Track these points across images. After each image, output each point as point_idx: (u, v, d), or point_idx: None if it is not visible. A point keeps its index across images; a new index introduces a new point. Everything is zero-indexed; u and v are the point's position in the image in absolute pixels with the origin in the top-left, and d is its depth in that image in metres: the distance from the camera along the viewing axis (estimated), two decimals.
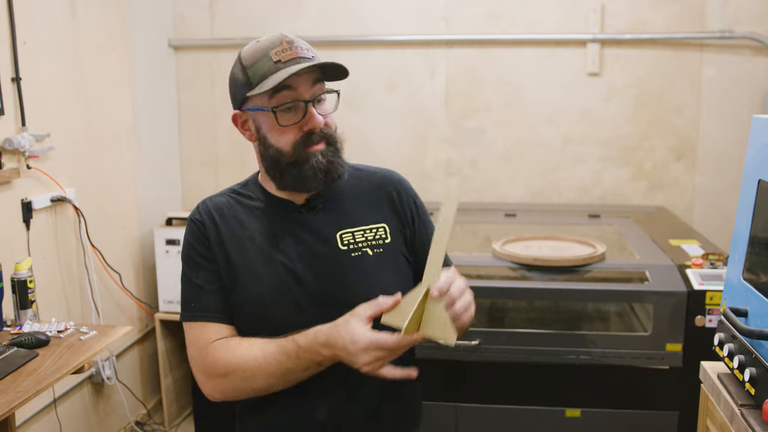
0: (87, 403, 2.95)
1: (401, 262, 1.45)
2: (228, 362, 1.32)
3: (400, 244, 1.46)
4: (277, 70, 1.31)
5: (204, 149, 3.77)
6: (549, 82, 3.48)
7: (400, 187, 1.52)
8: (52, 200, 2.67)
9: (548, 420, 2.47)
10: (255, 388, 1.33)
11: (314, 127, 1.35)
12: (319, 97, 1.37)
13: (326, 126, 1.37)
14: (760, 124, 1.49)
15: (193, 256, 1.42)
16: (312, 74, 1.35)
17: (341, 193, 1.46)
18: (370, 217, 1.45)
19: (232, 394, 1.36)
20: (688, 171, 3.46)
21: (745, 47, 3.30)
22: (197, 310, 1.39)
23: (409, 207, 1.50)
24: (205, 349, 1.36)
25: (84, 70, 2.89)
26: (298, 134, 1.35)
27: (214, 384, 1.35)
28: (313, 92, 1.35)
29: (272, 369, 1.29)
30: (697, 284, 2.34)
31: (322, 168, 1.36)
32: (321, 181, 1.37)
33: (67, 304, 2.78)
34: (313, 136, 1.35)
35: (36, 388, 1.78)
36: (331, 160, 1.37)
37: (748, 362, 1.40)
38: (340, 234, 1.41)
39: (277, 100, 1.33)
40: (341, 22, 3.54)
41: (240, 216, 1.44)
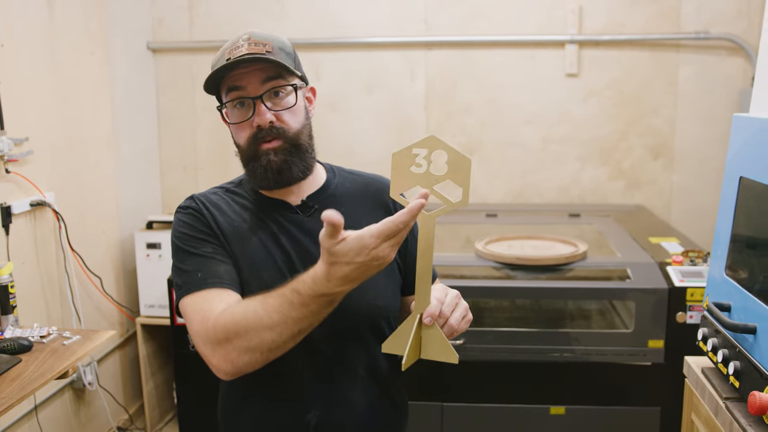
0: (68, 409, 2.92)
1: (393, 269, 1.44)
2: (228, 324, 1.19)
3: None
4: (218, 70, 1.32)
5: (183, 153, 3.75)
6: (528, 84, 3.51)
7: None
8: (32, 204, 2.64)
9: (533, 418, 2.49)
10: (263, 348, 1.17)
11: (261, 124, 1.32)
12: (276, 91, 1.34)
13: (280, 122, 1.34)
14: (741, 123, 1.52)
15: (195, 234, 1.36)
16: (263, 71, 1.33)
17: (337, 195, 1.45)
18: (365, 222, 1.40)
19: (240, 360, 1.19)
20: (666, 170, 3.50)
21: (720, 48, 3.35)
22: (206, 277, 1.29)
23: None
24: (207, 317, 1.23)
25: (62, 73, 2.87)
26: (250, 131, 1.34)
27: (220, 353, 1.20)
28: (264, 88, 1.33)
29: (276, 321, 1.15)
30: (677, 281, 2.37)
31: (274, 167, 1.34)
32: (271, 180, 1.35)
33: (47, 310, 2.75)
34: (261, 132, 1.33)
35: (20, 393, 1.75)
36: (286, 159, 1.35)
37: (732, 356, 1.43)
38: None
39: (228, 98, 1.34)
40: (321, 24, 3.55)
41: (237, 210, 1.41)
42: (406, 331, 1.24)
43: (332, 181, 1.48)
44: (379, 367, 1.42)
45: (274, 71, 1.34)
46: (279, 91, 1.35)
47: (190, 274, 1.31)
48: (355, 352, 1.38)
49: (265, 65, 1.32)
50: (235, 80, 1.32)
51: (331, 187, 1.46)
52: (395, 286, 1.45)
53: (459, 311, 1.28)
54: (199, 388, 2.92)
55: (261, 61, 1.31)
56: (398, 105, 3.60)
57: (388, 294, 1.42)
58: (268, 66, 1.33)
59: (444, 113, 3.58)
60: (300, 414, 1.36)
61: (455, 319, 1.26)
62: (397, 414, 1.50)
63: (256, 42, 1.32)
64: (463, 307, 1.30)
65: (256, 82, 1.32)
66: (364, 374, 1.39)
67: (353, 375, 1.38)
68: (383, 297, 1.40)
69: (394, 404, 1.48)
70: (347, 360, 1.37)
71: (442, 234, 3.12)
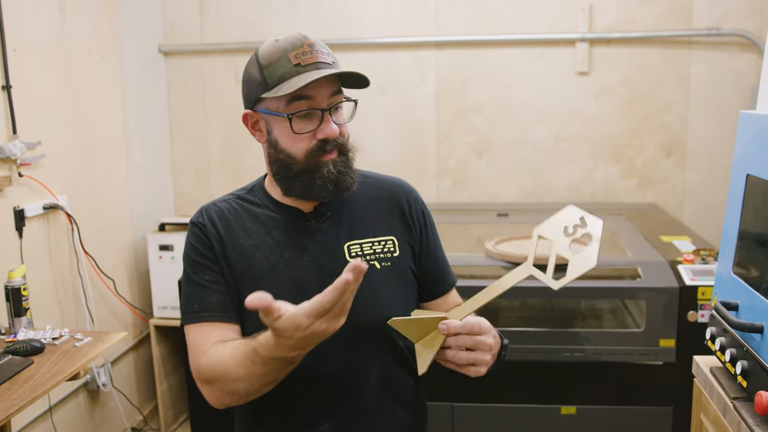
0: (83, 410, 2.95)
1: (408, 276, 1.43)
2: (208, 369, 1.25)
3: (407, 258, 1.43)
4: (296, 73, 1.27)
5: (196, 155, 3.78)
6: (539, 82, 3.50)
7: (411, 199, 1.49)
8: (45, 208, 2.67)
9: (544, 417, 2.49)
10: (239, 393, 1.23)
11: (329, 136, 1.30)
12: (336, 106, 1.33)
13: (340, 135, 1.33)
14: (748, 120, 1.51)
15: (196, 258, 1.37)
16: (331, 82, 1.31)
17: (350, 202, 1.43)
18: (379, 229, 1.41)
19: (225, 399, 1.26)
20: (678, 168, 3.48)
21: (732, 44, 3.33)
22: (199, 310, 1.33)
23: (419, 219, 1.48)
24: (197, 355, 1.30)
25: (74, 77, 2.89)
26: (311, 142, 1.31)
27: (207, 391, 1.28)
28: (330, 101, 1.31)
29: (242, 375, 1.20)
30: (688, 280, 2.36)
31: (333, 178, 1.32)
32: (330, 191, 1.33)
33: (61, 312, 2.78)
34: (327, 145, 1.31)
35: (32, 395, 1.78)
36: (342, 171, 1.33)
37: (740, 355, 1.42)
38: (348, 245, 1.38)
39: (294, 107, 1.29)
40: (332, 25, 3.56)
41: (245, 223, 1.39)
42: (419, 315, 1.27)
43: None
44: (392, 375, 1.40)
45: (337, 85, 1.33)
46: (340, 106, 1.35)
47: (189, 304, 1.36)
48: (366, 362, 1.37)
49: (331, 76, 1.30)
50: (304, 89, 1.27)
51: (344, 194, 1.42)
52: (407, 294, 1.42)
53: (473, 355, 1.25)
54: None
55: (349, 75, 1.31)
56: (409, 105, 3.60)
57: (399, 304, 1.39)
58: (334, 76, 1.31)
59: (454, 113, 3.57)
60: (312, 425, 1.35)
61: (461, 357, 1.25)
62: (413, 419, 1.47)
63: (321, 51, 1.31)
64: (482, 357, 1.26)
65: (326, 93, 1.31)
66: (377, 383, 1.37)
67: (365, 385, 1.37)
68: (392, 306, 1.37)
69: (410, 410, 1.45)
70: (359, 370, 1.36)
71: (453, 233, 3.12)
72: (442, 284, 1.51)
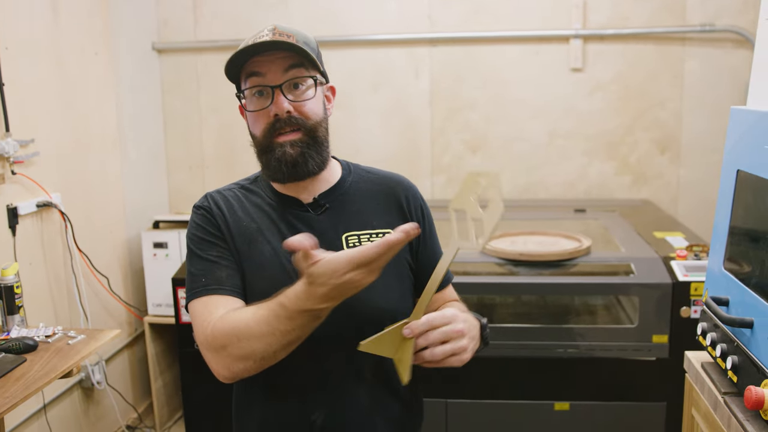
0: (77, 408, 2.95)
1: (404, 269, 1.42)
2: (222, 331, 1.21)
3: (404, 251, 1.42)
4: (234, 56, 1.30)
5: (190, 152, 3.77)
6: (533, 79, 3.50)
7: (410, 194, 1.49)
8: (38, 205, 2.66)
9: (537, 414, 2.49)
10: (255, 356, 1.19)
11: (278, 113, 1.30)
12: (295, 83, 1.32)
13: (298, 113, 1.32)
14: (738, 115, 1.51)
15: (203, 236, 1.36)
16: (285, 59, 1.30)
17: (349, 194, 1.43)
18: (377, 222, 1.41)
19: (236, 367, 1.21)
20: (672, 164, 3.49)
21: (726, 40, 3.33)
22: (209, 283, 1.31)
23: (417, 215, 1.47)
24: (206, 323, 1.25)
25: (68, 74, 2.89)
26: (267, 121, 1.32)
27: (217, 359, 1.22)
28: (285, 78, 1.30)
29: (265, 332, 1.16)
30: (681, 276, 2.36)
31: (289, 160, 1.31)
32: (284, 173, 1.33)
33: (54, 310, 2.78)
34: (280, 122, 1.31)
35: (24, 393, 1.77)
36: (303, 152, 1.32)
37: (730, 350, 1.42)
38: (346, 236, 1.38)
39: (248, 85, 1.32)
40: (325, 22, 3.55)
41: (248, 210, 1.40)
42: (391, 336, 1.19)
43: (346, 179, 1.45)
44: (387, 368, 1.37)
45: (296, 60, 1.31)
46: (299, 84, 1.32)
47: (195, 279, 1.33)
48: (360, 353, 1.33)
49: (287, 54, 1.30)
50: (255, 66, 1.29)
51: (344, 186, 1.44)
52: (404, 287, 1.42)
53: (450, 345, 1.19)
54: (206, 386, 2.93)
55: (284, 47, 1.29)
56: (403, 102, 3.60)
57: (394, 296, 1.39)
58: (291, 55, 1.31)
59: (449, 110, 3.58)
60: (305, 414, 1.35)
61: (441, 351, 1.18)
62: (407, 414, 1.46)
63: (280, 32, 1.31)
64: (458, 345, 1.20)
65: (278, 70, 1.30)
66: (371, 376, 1.37)
67: (359, 376, 1.37)
68: (389, 299, 1.37)
69: (403, 404, 1.45)
70: (353, 361, 1.35)
71: (446, 230, 3.11)
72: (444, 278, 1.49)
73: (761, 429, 1.27)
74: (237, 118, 1.43)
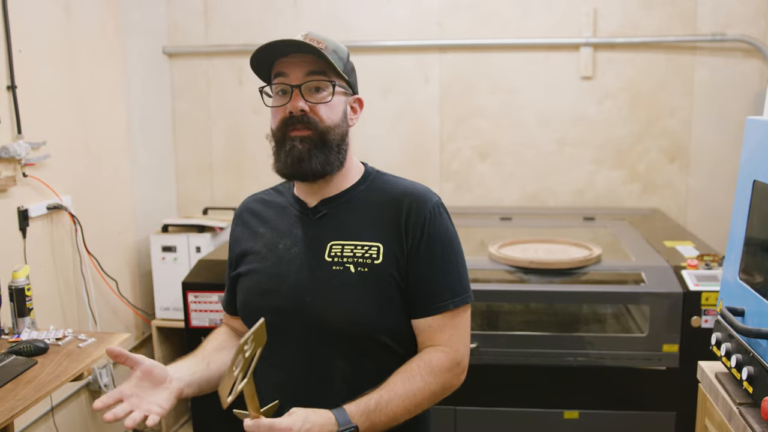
0: (84, 411, 2.95)
1: (388, 285, 1.36)
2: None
3: (391, 267, 1.36)
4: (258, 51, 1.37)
5: (199, 156, 3.78)
6: (542, 86, 3.50)
7: (413, 209, 1.40)
8: (48, 208, 2.67)
9: (546, 422, 2.48)
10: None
11: (292, 110, 1.36)
12: (315, 86, 1.37)
13: (313, 114, 1.37)
14: (754, 126, 1.51)
15: (229, 253, 1.57)
16: (309, 63, 1.37)
17: (353, 202, 1.43)
18: (367, 234, 1.39)
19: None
20: (682, 173, 3.48)
21: (736, 50, 3.33)
22: (223, 302, 1.60)
23: (414, 233, 1.38)
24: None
25: (79, 77, 2.90)
26: (283, 116, 1.38)
27: None
28: (305, 79, 1.37)
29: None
30: (692, 285, 2.36)
31: (296, 154, 1.36)
32: (291, 167, 1.37)
33: (63, 312, 2.78)
34: (293, 119, 1.36)
35: (36, 395, 1.78)
36: (310, 149, 1.36)
37: (746, 361, 1.42)
38: (331, 244, 1.39)
39: (274, 84, 1.40)
40: (336, 28, 3.56)
41: (262, 213, 1.52)
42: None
43: (358, 187, 1.45)
44: (362, 376, 1.37)
45: (318, 66, 1.37)
46: (320, 88, 1.38)
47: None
48: (330, 360, 1.36)
49: (311, 59, 1.37)
50: (282, 67, 1.38)
51: (351, 194, 1.44)
52: (383, 301, 1.36)
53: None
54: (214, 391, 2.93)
55: (309, 51, 1.35)
56: (412, 109, 3.60)
57: (368, 310, 1.35)
58: (314, 60, 1.37)
59: (458, 116, 3.58)
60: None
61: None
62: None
63: (311, 38, 1.37)
64: None
65: (300, 72, 1.37)
66: (342, 382, 1.36)
67: (329, 382, 1.36)
68: (358, 313, 1.35)
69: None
70: (323, 367, 1.37)
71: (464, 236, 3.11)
72: (429, 305, 1.38)
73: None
74: (246, 123, 1.51)
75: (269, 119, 1.44)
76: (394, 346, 1.40)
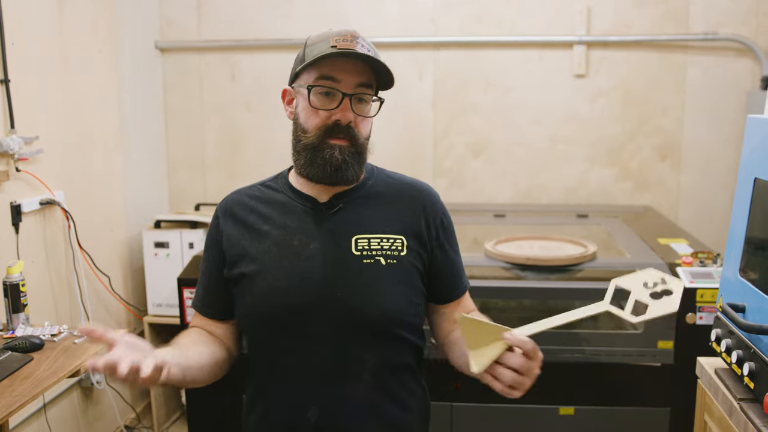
0: (76, 408, 2.93)
1: (414, 275, 1.41)
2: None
3: (415, 259, 1.42)
4: (328, 52, 1.32)
5: (191, 152, 3.76)
6: (536, 84, 3.51)
7: (430, 203, 1.48)
8: (41, 203, 2.64)
9: (542, 418, 2.49)
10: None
11: (341, 119, 1.34)
12: (361, 97, 1.37)
13: (355, 126, 1.36)
14: (755, 124, 1.52)
15: (206, 247, 1.50)
16: (361, 74, 1.35)
17: (367, 197, 1.44)
18: (389, 227, 1.42)
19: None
20: (673, 171, 3.50)
21: (728, 49, 3.35)
22: (194, 296, 1.53)
23: (435, 224, 1.46)
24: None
25: (72, 71, 2.87)
26: (325, 121, 1.35)
27: None
28: (356, 90, 1.35)
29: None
30: (687, 282, 2.37)
31: (335, 163, 1.35)
32: (328, 175, 1.36)
33: (56, 308, 2.75)
34: (338, 128, 1.35)
35: (33, 392, 1.76)
36: (348, 161, 1.36)
37: (747, 357, 1.43)
38: (356, 238, 1.39)
39: (318, 84, 1.35)
40: (330, 24, 3.50)
41: (261, 209, 1.44)
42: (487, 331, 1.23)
43: (367, 182, 1.47)
44: (390, 373, 1.40)
45: (368, 78, 1.37)
46: (365, 101, 1.38)
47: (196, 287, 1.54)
48: (360, 355, 1.37)
49: (364, 68, 1.36)
50: (334, 70, 1.34)
51: (363, 188, 1.45)
52: (411, 293, 1.41)
53: (518, 378, 1.21)
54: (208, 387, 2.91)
55: (378, 66, 1.35)
56: (406, 105, 3.60)
57: (400, 301, 1.39)
58: (366, 70, 1.36)
59: (451, 113, 3.58)
60: (300, 411, 1.36)
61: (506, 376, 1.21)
62: (407, 416, 1.44)
63: (361, 43, 1.35)
64: (524, 382, 1.24)
65: (352, 81, 1.35)
66: (370, 377, 1.37)
67: (357, 376, 1.36)
68: (392, 302, 1.37)
69: (404, 406, 1.43)
70: (351, 361, 1.36)
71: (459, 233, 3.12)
72: (455, 289, 1.50)
73: None
74: (239, 119, 1.48)
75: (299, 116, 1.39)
76: (414, 337, 1.42)
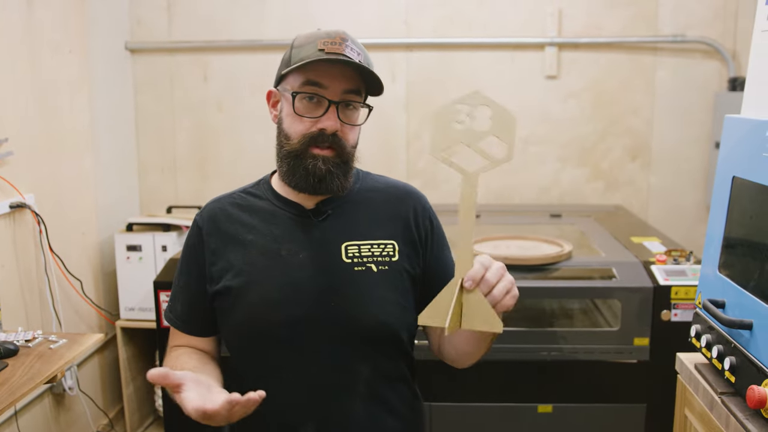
0: (48, 415, 2.87)
1: (405, 281, 1.38)
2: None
3: (407, 263, 1.39)
4: (315, 57, 1.26)
5: (162, 154, 3.71)
6: (508, 85, 3.54)
7: (418, 205, 1.46)
8: (11, 206, 2.59)
9: (520, 416, 2.51)
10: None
11: (325, 127, 1.29)
12: (348, 104, 1.32)
13: (341, 135, 1.32)
14: (732, 123, 1.55)
15: (183, 259, 1.43)
16: (349, 80, 1.31)
17: (355, 202, 1.41)
18: (380, 232, 1.39)
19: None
20: (643, 171, 3.56)
21: (696, 51, 3.42)
22: (170, 312, 1.45)
23: (424, 226, 1.44)
24: (168, 351, 1.44)
25: (41, 72, 2.82)
26: (310, 128, 1.30)
27: None
28: (343, 97, 1.31)
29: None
30: (662, 280, 2.41)
31: (318, 174, 1.30)
32: (311, 185, 1.32)
33: (26, 313, 2.70)
34: (323, 137, 1.30)
35: (9, 399, 1.72)
36: (333, 171, 1.31)
37: (727, 352, 1.45)
38: (346, 245, 1.35)
39: (304, 89, 1.30)
40: (303, 25, 3.52)
41: (244, 218, 1.39)
42: (445, 299, 1.11)
43: (353, 187, 1.43)
44: (384, 383, 1.38)
45: (355, 84, 1.32)
46: (353, 108, 1.33)
47: (170, 298, 1.47)
48: (354, 365, 1.34)
49: (352, 74, 1.30)
50: (320, 76, 1.29)
51: (350, 193, 1.41)
52: (403, 299, 1.38)
53: (504, 283, 1.14)
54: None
55: (366, 72, 1.30)
56: (379, 106, 3.56)
57: (394, 310, 1.36)
58: (354, 76, 1.31)
59: (424, 114, 3.59)
60: (294, 426, 1.33)
61: (499, 290, 1.12)
62: (404, 426, 1.42)
63: (350, 47, 1.29)
64: (508, 280, 1.15)
65: (339, 87, 1.30)
66: (365, 389, 1.35)
67: (352, 389, 1.34)
68: (387, 313, 1.35)
69: (403, 422, 1.41)
70: (345, 373, 1.33)
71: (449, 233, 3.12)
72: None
73: (762, 427, 1.30)
74: (211, 120, 1.44)
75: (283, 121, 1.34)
76: (407, 345, 1.40)
